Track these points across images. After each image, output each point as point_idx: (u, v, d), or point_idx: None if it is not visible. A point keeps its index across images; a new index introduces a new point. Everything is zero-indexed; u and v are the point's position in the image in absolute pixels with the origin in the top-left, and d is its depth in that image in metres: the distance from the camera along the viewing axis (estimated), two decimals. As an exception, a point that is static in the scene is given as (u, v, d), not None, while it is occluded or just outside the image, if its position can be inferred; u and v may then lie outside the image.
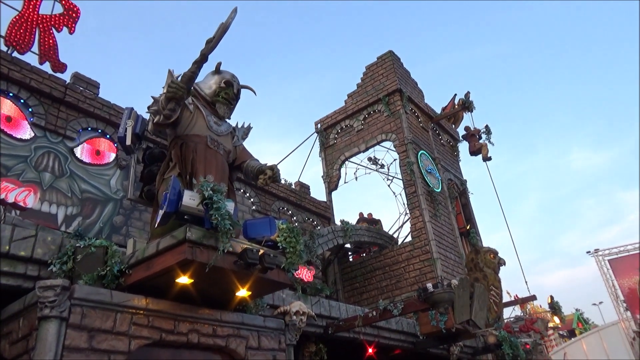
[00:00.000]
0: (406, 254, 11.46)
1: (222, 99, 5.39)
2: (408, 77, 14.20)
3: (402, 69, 14.04)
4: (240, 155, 5.61)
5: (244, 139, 5.72)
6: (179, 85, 4.59)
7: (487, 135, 14.56)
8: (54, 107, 7.53)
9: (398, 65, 13.89)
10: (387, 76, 13.50)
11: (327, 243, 10.43)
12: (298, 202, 11.71)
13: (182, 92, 4.65)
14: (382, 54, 14.08)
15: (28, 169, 6.97)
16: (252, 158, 5.63)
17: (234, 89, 5.45)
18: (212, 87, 5.41)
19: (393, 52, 14.01)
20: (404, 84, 13.44)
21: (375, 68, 13.95)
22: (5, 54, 7.08)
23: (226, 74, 5.54)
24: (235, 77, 5.54)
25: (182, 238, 4.06)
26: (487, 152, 14.57)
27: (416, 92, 14.19)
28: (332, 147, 14.00)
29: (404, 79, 13.78)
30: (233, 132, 5.59)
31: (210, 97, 5.38)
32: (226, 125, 5.51)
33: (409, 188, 12.01)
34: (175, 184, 4.21)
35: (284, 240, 4.63)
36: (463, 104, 14.29)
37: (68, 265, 4.37)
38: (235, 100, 5.52)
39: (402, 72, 13.92)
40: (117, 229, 7.78)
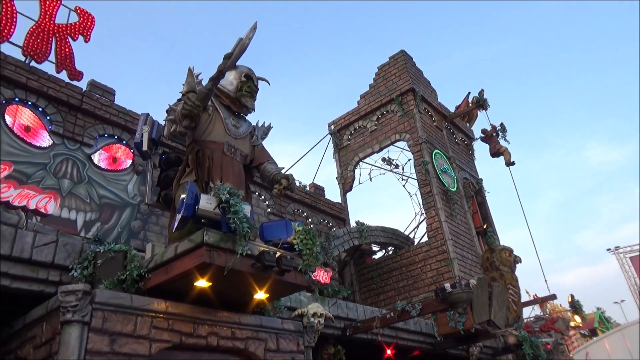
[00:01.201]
0: (423, 254, 11.40)
1: (246, 92, 5.40)
2: (421, 77, 14.14)
3: (414, 69, 13.98)
4: (258, 156, 5.61)
5: (263, 138, 5.71)
6: (194, 104, 4.59)
7: (502, 134, 14.42)
8: (71, 115, 7.65)
9: (410, 65, 13.84)
10: (399, 76, 13.46)
11: (343, 244, 10.43)
12: (313, 203, 11.72)
13: (197, 110, 4.65)
14: (394, 54, 14.05)
15: (47, 176, 7.09)
16: (270, 160, 5.62)
17: (254, 81, 5.49)
18: (234, 82, 5.41)
19: (405, 52, 13.96)
20: (416, 84, 13.38)
21: (388, 68, 13.91)
22: (23, 63, 7.22)
23: (243, 67, 5.55)
24: (252, 70, 5.58)
25: (200, 242, 4.09)
26: (510, 157, 14.40)
27: (429, 91, 14.11)
28: (346, 149, 13.99)
29: (417, 78, 13.72)
30: (252, 132, 5.58)
31: (233, 92, 5.39)
32: (245, 126, 5.50)
33: (424, 188, 11.95)
34: (192, 188, 4.25)
35: (300, 242, 4.64)
36: (477, 102, 14.18)
37: (89, 270, 4.44)
38: (256, 92, 5.55)
39: (414, 71, 13.86)
40: (135, 234, 7.88)
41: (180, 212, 4.18)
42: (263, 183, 5.87)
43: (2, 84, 6.93)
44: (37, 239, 4.40)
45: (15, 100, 7.06)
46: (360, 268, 12.43)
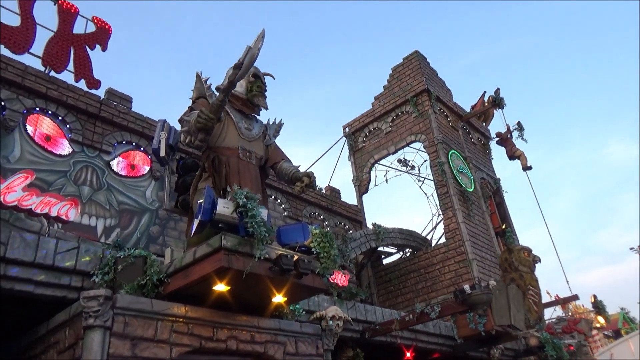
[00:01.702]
0: (441, 256, 11.31)
1: (257, 92, 5.40)
2: (435, 77, 14.06)
3: (428, 69, 13.91)
4: (273, 155, 5.60)
5: (275, 136, 5.71)
6: (208, 117, 4.56)
7: (519, 132, 14.26)
8: (90, 123, 7.78)
9: (424, 65, 13.77)
10: (413, 77, 13.41)
11: (360, 247, 10.40)
12: (329, 206, 11.72)
13: (212, 123, 4.60)
14: (408, 55, 14.00)
15: (68, 183, 7.22)
16: (286, 159, 5.61)
17: (262, 79, 5.50)
18: (243, 84, 5.43)
19: (419, 52, 13.91)
20: (431, 84, 13.31)
21: (402, 69, 13.87)
22: (43, 73, 7.37)
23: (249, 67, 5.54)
24: (258, 68, 5.58)
25: (218, 246, 4.12)
26: (526, 162, 14.24)
27: (444, 91, 14.02)
28: (361, 151, 13.97)
29: (431, 79, 13.65)
30: (265, 131, 5.59)
31: (244, 94, 5.40)
32: (257, 127, 5.50)
33: (441, 189, 11.86)
34: (209, 192, 4.28)
35: (317, 246, 4.64)
36: (493, 101, 14.05)
37: (109, 276, 4.50)
38: (266, 89, 5.55)
39: (429, 71, 13.80)
40: (153, 239, 7.97)
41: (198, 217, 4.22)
42: (279, 182, 5.87)
43: (23, 94, 7.08)
44: (59, 246, 4.48)
45: (36, 109, 7.20)
46: (377, 270, 12.39)
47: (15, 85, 6.98)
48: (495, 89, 14.13)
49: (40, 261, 4.31)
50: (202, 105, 5.17)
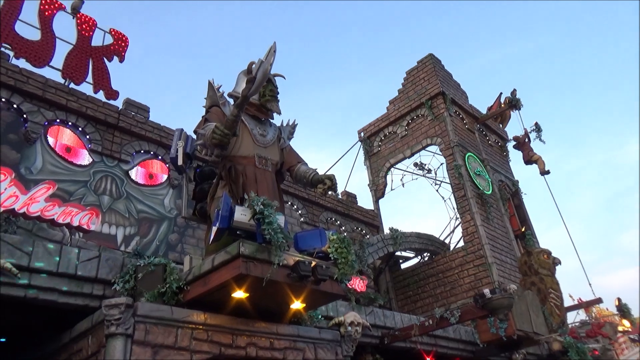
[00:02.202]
0: (459, 260, 11.21)
1: (270, 96, 5.40)
2: (450, 79, 13.99)
3: (443, 71, 13.86)
4: (288, 158, 5.60)
5: (290, 138, 5.72)
6: (224, 133, 4.56)
7: (537, 133, 14.09)
8: (108, 133, 7.92)
9: (439, 68, 13.72)
10: (428, 80, 13.36)
11: (377, 252, 10.36)
12: (346, 211, 11.72)
13: (228, 139, 4.59)
14: (422, 58, 13.96)
15: (88, 193, 7.35)
16: (302, 161, 5.61)
17: (273, 82, 5.50)
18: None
19: (433, 55, 13.86)
20: (446, 86, 13.25)
21: (416, 72, 13.84)
22: (63, 85, 7.54)
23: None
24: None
25: (236, 253, 4.15)
26: (544, 166, 14.05)
27: (459, 93, 13.94)
28: (377, 155, 13.95)
29: (446, 81, 13.59)
30: (279, 134, 5.60)
31: (257, 100, 5.40)
32: (272, 131, 5.51)
33: (458, 192, 11.78)
34: (226, 200, 4.32)
35: (335, 251, 4.64)
36: (509, 102, 13.92)
37: (130, 284, 4.57)
38: (278, 92, 5.53)
39: (443, 74, 13.74)
40: (172, 247, 8.06)
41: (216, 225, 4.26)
42: (296, 186, 5.87)
43: (44, 107, 7.25)
44: (81, 255, 4.56)
45: (57, 121, 7.36)
46: (395, 275, 12.32)
47: (36, 97, 7.15)
48: (511, 90, 13.99)
49: (63, 270, 4.40)
50: (215, 115, 5.20)
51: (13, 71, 6.98)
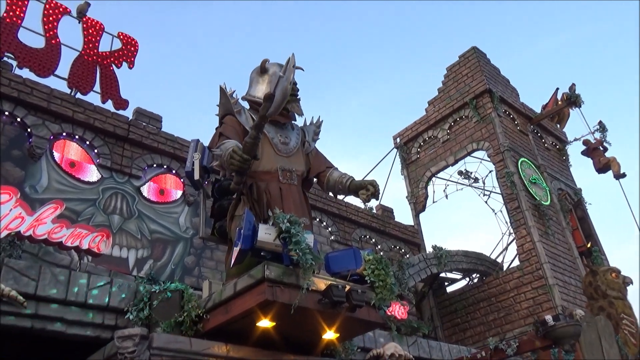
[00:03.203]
0: (515, 282, 11.00)
1: (290, 96, 5.38)
2: (498, 75, 13.86)
3: (489, 66, 13.75)
4: (316, 164, 5.56)
5: (316, 140, 5.70)
6: (243, 158, 4.45)
7: (601, 134, 13.77)
8: (118, 146, 8.14)
9: (484, 62, 13.62)
10: (472, 76, 13.27)
11: (419, 273, 10.28)
12: (382, 228, 11.67)
13: (247, 165, 4.49)
14: (464, 52, 13.89)
15: (97, 212, 7.55)
16: (332, 167, 5.57)
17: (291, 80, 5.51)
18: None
19: (477, 48, 13.77)
20: (493, 83, 13.13)
21: (458, 68, 13.77)
22: (69, 96, 7.81)
23: (274, 67, 5.53)
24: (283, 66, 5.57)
25: (261, 277, 4.18)
26: (619, 168, 13.66)
27: (509, 90, 13.79)
28: (416, 163, 13.88)
29: (493, 77, 13.46)
30: (303, 137, 5.60)
31: None
32: (295, 136, 5.49)
33: (511, 203, 11.60)
34: (249, 217, 4.36)
35: (371, 273, 4.61)
36: (568, 98, 13.66)
37: (144, 313, 4.65)
38: (298, 90, 5.51)
39: (489, 69, 13.63)
40: (189, 270, 8.17)
41: (237, 245, 4.30)
42: (327, 191, 5.82)
43: (49, 119, 7.51)
44: (91, 281, 4.67)
45: (63, 135, 7.62)
46: (440, 300, 12.18)
47: (41, 110, 7.42)
48: (570, 85, 13.73)
49: (72, 298, 4.51)
50: (231, 127, 5.25)
51: (16, 82, 7.27)
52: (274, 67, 5.54)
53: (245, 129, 5.23)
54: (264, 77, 5.53)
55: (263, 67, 5.53)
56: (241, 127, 5.27)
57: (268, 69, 5.53)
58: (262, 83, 5.53)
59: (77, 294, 4.54)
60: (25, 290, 4.31)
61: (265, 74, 5.52)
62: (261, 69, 5.55)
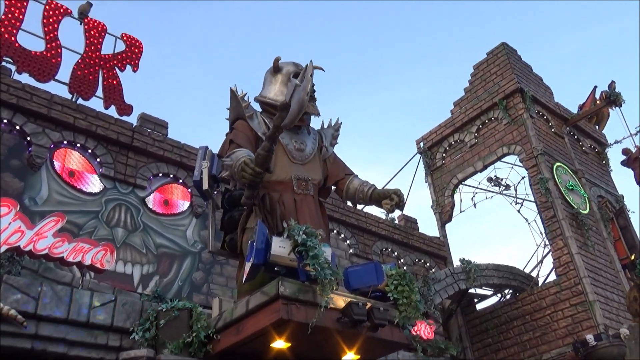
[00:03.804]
0: (551, 298, 10.87)
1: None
2: (529, 73, 13.78)
3: (520, 63, 13.67)
4: (334, 171, 5.55)
5: (334, 144, 5.70)
6: (255, 172, 4.45)
7: (643, 135, 13.57)
8: (121, 154, 8.23)
9: (515, 59, 13.55)
10: (502, 74, 13.20)
11: (446, 289, 10.21)
12: (405, 240, 11.62)
13: (260, 178, 4.50)
14: (492, 49, 13.84)
15: (100, 225, 7.64)
16: (352, 174, 5.57)
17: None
18: (284, 91, 5.42)
19: (506, 44, 13.72)
20: (524, 82, 13.05)
21: (486, 66, 13.72)
22: (70, 102, 7.93)
23: (288, 66, 5.54)
24: (299, 65, 5.56)
25: (275, 294, 4.19)
26: None
27: (542, 89, 13.68)
28: (441, 169, 13.82)
29: (525, 75, 13.38)
30: (321, 142, 5.59)
31: None
32: (311, 140, 5.48)
33: (546, 212, 11.48)
34: (261, 229, 4.37)
35: (394, 290, 4.60)
36: (607, 97, 13.51)
37: (151, 333, 4.69)
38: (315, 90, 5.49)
39: (520, 66, 13.55)
40: (197, 287, 8.21)
41: (249, 260, 4.32)
42: (346, 200, 5.81)
43: (50, 127, 7.63)
44: (94, 299, 4.73)
45: (64, 143, 7.73)
46: (470, 318, 12.06)
47: (41, 117, 7.55)
48: (609, 83, 13.59)
49: (74, 317, 4.57)
50: (242, 133, 5.27)
51: (15, 87, 7.40)
52: (288, 66, 5.57)
53: (257, 135, 5.26)
54: (277, 77, 5.56)
55: (276, 66, 5.55)
56: (253, 132, 5.30)
57: (281, 68, 5.55)
58: (275, 83, 5.55)
59: (79, 313, 4.60)
60: (25, 309, 4.37)
61: (278, 73, 5.54)
62: (274, 68, 5.57)
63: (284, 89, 5.40)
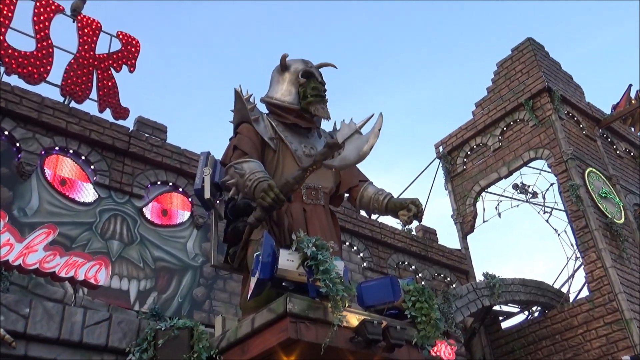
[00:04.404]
0: (584, 315, 10.78)
1: (314, 97, 5.35)
2: (558, 71, 13.75)
3: (547, 60, 13.65)
4: (347, 178, 5.52)
5: None
6: (278, 199, 4.42)
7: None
8: (117, 161, 8.29)
9: (542, 56, 13.53)
10: (528, 72, 13.19)
11: (469, 306, 10.15)
12: (423, 252, 11.60)
13: (281, 205, 4.51)
14: (517, 44, 13.82)
15: (94, 237, 7.68)
16: (367, 180, 5.56)
17: (317, 77, 5.48)
18: (292, 90, 5.37)
19: (533, 40, 13.69)
20: (553, 80, 13.02)
21: (511, 64, 13.71)
22: (63, 105, 7.99)
23: (296, 64, 5.52)
24: (308, 61, 5.54)
25: (283, 311, 4.19)
26: None
27: (572, 88, 13.65)
28: (462, 176, 13.79)
29: (553, 73, 13.35)
30: None
31: (297, 104, 5.36)
32: (322, 146, 5.49)
33: (577, 222, 11.41)
34: (268, 241, 4.38)
35: (412, 307, 4.60)
36: (643, 96, 13.46)
37: (149, 354, 4.71)
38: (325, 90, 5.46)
39: (548, 63, 13.53)
40: (198, 304, 8.22)
41: (254, 275, 4.32)
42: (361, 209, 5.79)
43: (40, 132, 7.70)
44: (87, 317, 4.75)
45: (55, 149, 7.79)
46: (494, 338, 12.01)
47: (31, 121, 7.62)
48: (644, 81, 13.53)
49: (67, 337, 4.60)
50: (247, 139, 5.25)
51: (4, 90, 7.48)
52: (296, 64, 5.55)
53: (264, 140, 5.26)
54: (285, 76, 5.55)
55: (283, 64, 5.54)
56: (259, 137, 5.30)
57: (289, 66, 5.54)
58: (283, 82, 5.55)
59: (72, 332, 4.62)
60: (14, 328, 4.40)
61: (286, 72, 5.53)
62: (281, 66, 5.56)
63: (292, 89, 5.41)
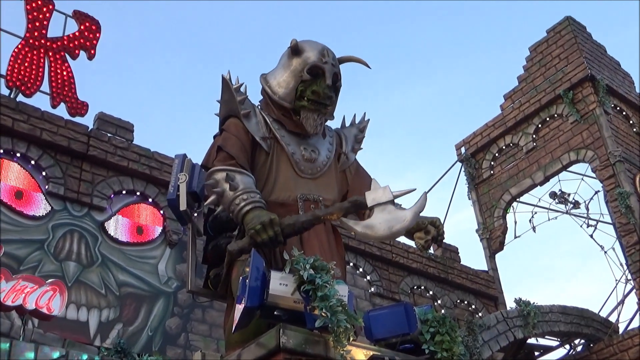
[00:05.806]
0: (636, 350, 10.80)
1: (309, 103, 5.27)
2: (603, 55, 13.79)
3: (590, 43, 13.69)
4: (355, 186, 5.44)
5: (357, 150, 5.65)
6: (277, 240, 4.32)
7: None
8: (74, 166, 8.28)
9: (583, 38, 13.56)
10: (567, 58, 13.22)
11: (498, 339, 10.15)
12: (442, 275, 11.60)
13: (280, 244, 4.53)
14: (554, 25, 13.87)
15: (46, 258, 7.66)
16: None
17: (326, 77, 5.40)
18: (290, 84, 5.30)
19: (572, 19, 13.74)
20: (597, 67, 13.06)
21: (546, 48, 13.75)
22: (8, 99, 7.99)
23: (310, 52, 5.43)
24: (327, 53, 5.44)
25: (275, 346, 4.16)
26: None
27: (619, 77, 13.70)
28: (488, 182, 13.80)
29: (596, 59, 13.39)
30: (340, 144, 5.55)
31: (289, 102, 5.29)
32: (325, 147, 5.38)
33: (627, 237, 11.45)
34: (256, 262, 4.36)
35: (431, 340, 4.58)
36: None
37: (113, 398, 4.69)
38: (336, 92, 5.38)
39: (590, 47, 13.56)
40: (172, 338, 8.21)
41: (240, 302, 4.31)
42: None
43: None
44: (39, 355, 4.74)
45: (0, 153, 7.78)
46: (529, 377, 12.03)
47: (-31, 119, 7.62)
48: None
49: (14, 379, 4.58)
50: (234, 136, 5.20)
51: (-63, 82, 7.50)
52: (310, 52, 5.37)
53: (254, 139, 5.25)
54: (292, 62, 5.45)
55: (295, 48, 5.45)
56: (249, 136, 5.26)
57: (301, 52, 5.46)
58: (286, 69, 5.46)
59: (20, 373, 4.61)
60: (-49, 367, 4.39)
61: (295, 58, 5.48)
62: (292, 51, 5.48)
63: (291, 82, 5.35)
